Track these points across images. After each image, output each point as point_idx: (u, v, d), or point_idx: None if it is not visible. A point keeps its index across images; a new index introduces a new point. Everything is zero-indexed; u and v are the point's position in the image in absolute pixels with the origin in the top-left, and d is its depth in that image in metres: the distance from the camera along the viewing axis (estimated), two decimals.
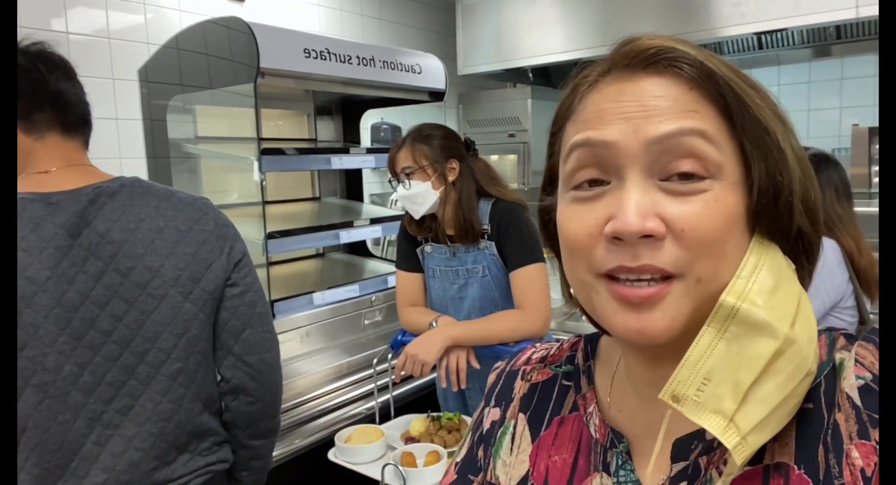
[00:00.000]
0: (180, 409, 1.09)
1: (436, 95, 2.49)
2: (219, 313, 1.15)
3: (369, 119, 2.86)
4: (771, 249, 0.46)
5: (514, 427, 0.60)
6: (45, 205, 1.01)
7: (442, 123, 1.76)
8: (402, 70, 2.25)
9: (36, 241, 0.99)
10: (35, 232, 0.99)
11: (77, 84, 1.10)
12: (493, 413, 0.63)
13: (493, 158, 3.76)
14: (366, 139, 2.91)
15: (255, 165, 1.87)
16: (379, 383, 1.76)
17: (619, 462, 0.52)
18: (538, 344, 0.68)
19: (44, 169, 1.05)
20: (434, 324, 1.63)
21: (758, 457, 0.44)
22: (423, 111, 2.69)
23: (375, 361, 1.73)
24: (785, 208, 0.46)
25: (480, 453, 0.63)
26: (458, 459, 0.65)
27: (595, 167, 0.46)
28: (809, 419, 0.44)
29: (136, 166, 2.22)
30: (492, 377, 0.67)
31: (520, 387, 0.63)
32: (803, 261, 0.49)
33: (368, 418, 1.78)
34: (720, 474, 0.46)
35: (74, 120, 1.09)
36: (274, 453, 1.60)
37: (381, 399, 1.75)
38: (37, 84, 1.03)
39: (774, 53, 2.94)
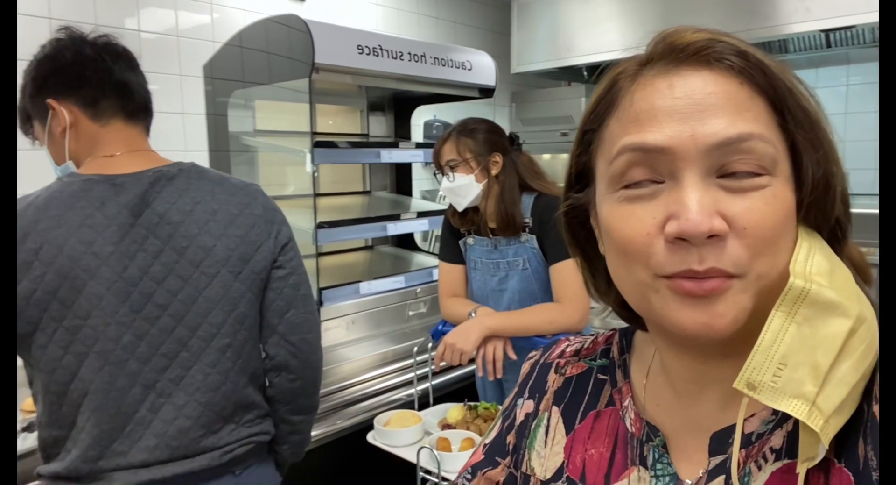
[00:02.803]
0: (227, 381, 1.15)
1: (486, 92, 2.51)
2: (265, 294, 1.21)
3: (421, 116, 2.92)
4: (814, 234, 0.46)
5: (548, 420, 0.61)
6: (110, 186, 1.09)
7: (491, 120, 1.79)
8: (452, 66, 2.29)
9: (101, 218, 1.07)
10: (100, 210, 1.07)
11: (139, 74, 1.18)
12: (526, 405, 0.64)
13: (546, 156, 3.76)
14: (417, 135, 2.96)
15: (308, 157, 1.95)
16: (420, 371, 1.80)
17: (656, 456, 0.52)
18: (572, 337, 0.68)
19: (109, 153, 1.13)
20: (473, 314, 1.66)
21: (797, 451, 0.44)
22: (474, 108, 2.72)
23: (416, 349, 1.78)
24: (833, 200, 0.45)
25: (510, 438, 0.64)
26: (487, 441, 0.66)
27: (647, 167, 0.46)
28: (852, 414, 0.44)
29: (199, 159, 2.33)
30: (525, 367, 0.67)
31: (553, 380, 0.63)
32: (838, 248, 0.48)
33: (408, 405, 1.82)
34: (759, 468, 0.46)
35: (137, 107, 1.17)
36: (317, 433, 1.67)
37: (420, 387, 1.80)
38: (102, 74, 1.11)
39: (843, 52, 2.82)
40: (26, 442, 1.30)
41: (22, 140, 1.22)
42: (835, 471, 0.43)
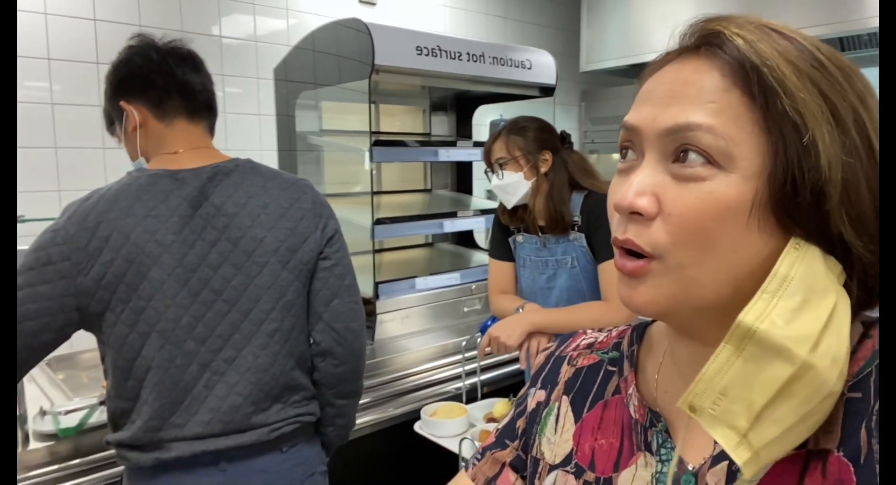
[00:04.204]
0: (275, 363, 1.23)
1: (546, 91, 2.51)
2: (312, 283, 1.28)
3: (485, 115, 2.94)
4: (809, 252, 0.44)
5: (559, 408, 0.63)
6: (173, 180, 1.19)
7: (551, 119, 1.80)
8: (511, 66, 2.31)
9: (164, 210, 1.17)
10: (164, 203, 1.17)
11: (203, 75, 1.27)
12: (538, 395, 0.67)
13: (615, 156, 3.69)
14: (481, 135, 2.99)
15: (367, 155, 2.02)
16: (468, 366, 1.83)
17: (660, 441, 0.54)
18: (588, 331, 0.70)
19: (173, 150, 1.23)
20: (520, 310, 1.68)
21: (802, 443, 0.44)
22: (540, 107, 2.72)
23: (464, 344, 1.81)
24: (809, 207, 0.43)
25: (520, 423, 0.67)
26: (500, 426, 0.70)
27: (632, 144, 0.50)
28: (857, 408, 0.44)
29: (270, 157, 2.47)
30: (541, 359, 0.70)
31: (565, 371, 0.66)
32: (849, 271, 0.45)
33: (457, 397, 1.86)
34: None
35: (199, 107, 1.26)
36: (369, 419, 1.74)
37: (469, 381, 1.83)
38: (166, 76, 1.21)
39: None
40: (102, 415, 1.44)
41: (111, 139, 1.35)
42: (832, 459, 0.43)
